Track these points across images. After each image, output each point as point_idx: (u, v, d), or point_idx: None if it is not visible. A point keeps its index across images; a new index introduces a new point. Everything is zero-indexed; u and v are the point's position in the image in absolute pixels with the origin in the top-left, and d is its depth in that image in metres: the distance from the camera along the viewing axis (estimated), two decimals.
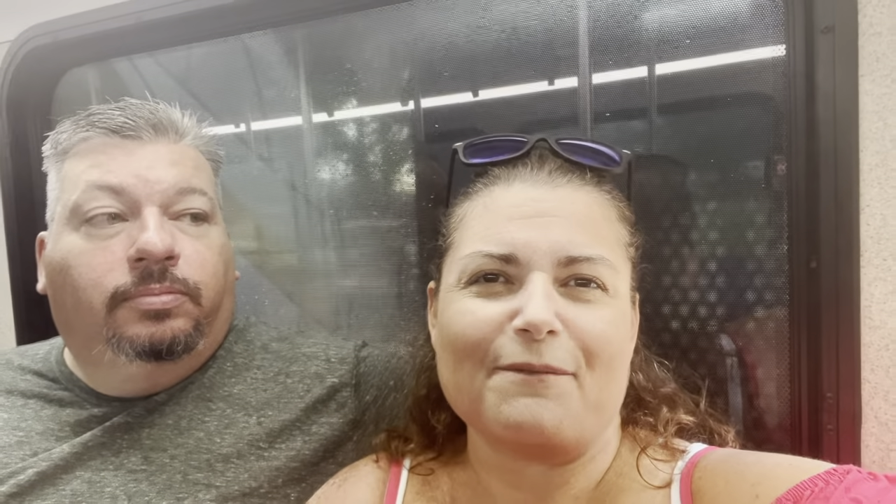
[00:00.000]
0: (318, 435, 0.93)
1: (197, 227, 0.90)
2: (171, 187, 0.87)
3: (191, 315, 0.88)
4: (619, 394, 0.70)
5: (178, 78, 1.41)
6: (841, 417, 0.89)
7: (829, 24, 0.86)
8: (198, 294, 0.88)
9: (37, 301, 1.37)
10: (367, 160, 1.35)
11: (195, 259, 0.88)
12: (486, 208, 0.71)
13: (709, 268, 1.05)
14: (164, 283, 0.85)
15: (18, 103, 1.42)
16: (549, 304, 0.63)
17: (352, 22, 1.26)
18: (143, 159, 0.87)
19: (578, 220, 0.68)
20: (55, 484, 0.86)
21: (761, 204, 1.00)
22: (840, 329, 0.89)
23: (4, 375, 0.98)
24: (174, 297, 0.85)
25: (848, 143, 0.87)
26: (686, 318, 1.06)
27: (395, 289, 1.32)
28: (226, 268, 0.94)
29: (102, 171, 0.86)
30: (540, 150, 0.74)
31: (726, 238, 1.03)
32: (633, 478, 0.70)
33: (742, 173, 1.02)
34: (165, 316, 0.85)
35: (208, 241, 0.91)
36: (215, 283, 0.91)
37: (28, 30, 1.36)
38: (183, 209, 0.89)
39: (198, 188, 0.90)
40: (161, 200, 0.86)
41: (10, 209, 1.44)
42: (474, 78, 1.21)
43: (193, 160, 0.93)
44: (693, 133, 1.07)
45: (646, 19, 1.06)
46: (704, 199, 1.04)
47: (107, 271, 0.84)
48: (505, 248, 0.66)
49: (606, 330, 0.65)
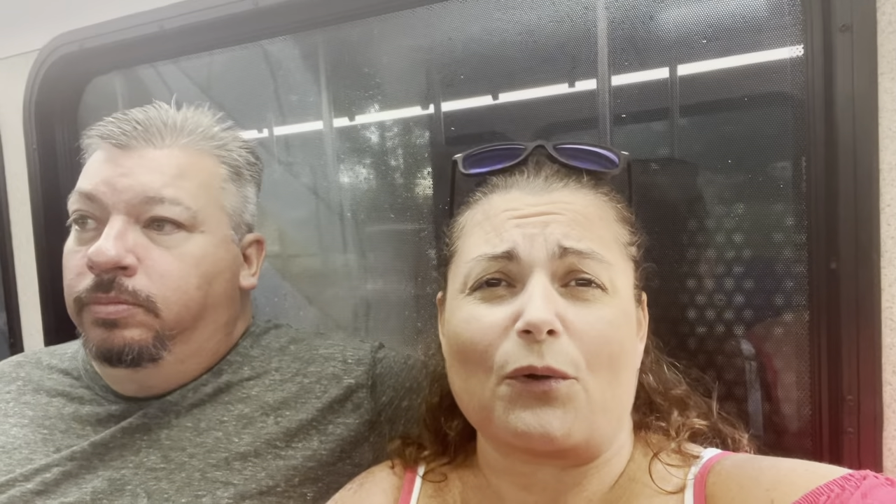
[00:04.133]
0: (334, 435, 0.94)
1: (167, 237, 0.88)
2: (136, 196, 0.86)
3: (147, 326, 0.87)
4: (627, 394, 0.70)
5: (201, 84, 1.44)
6: (862, 420, 0.88)
7: (847, 23, 0.85)
8: (152, 306, 0.86)
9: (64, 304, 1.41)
10: (388, 164, 1.36)
11: (157, 271, 0.87)
12: (486, 215, 0.73)
13: (727, 270, 1.04)
14: (111, 293, 0.85)
15: (46, 109, 1.46)
16: (549, 304, 0.64)
17: (372, 26, 1.27)
18: (120, 167, 0.88)
19: (574, 218, 0.69)
20: (78, 482, 0.88)
21: (780, 205, 0.99)
22: (861, 330, 0.87)
23: (33, 374, 1.01)
24: (122, 307, 0.85)
25: (868, 143, 0.86)
26: (704, 321, 1.05)
27: (417, 292, 1.33)
28: (205, 279, 0.91)
29: (84, 177, 0.89)
30: (537, 157, 0.76)
31: (745, 239, 1.02)
32: (646, 483, 0.70)
33: (760, 174, 1.01)
34: (113, 325, 0.86)
35: (179, 252, 0.89)
36: (180, 296, 0.88)
37: (55, 38, 1.39)
38: (150, 217, 0.87)
39: (169, 198, 0.87)
40: (126, 209, 0.86)
41: (38, 213, 1.48)
42: (493, 81, 1.22)
43: (181, 166, 0.90)
44: (710, 134, 1.06)
45: (662, 21, 1.05)
46: (722, 200, 1.04)
47: (77, 275, 0.87)
48: (505, 245, 0.68)
49: (606, 330, 0.65)
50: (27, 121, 1.46)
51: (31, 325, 1.53)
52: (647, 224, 0.78)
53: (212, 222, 0.93)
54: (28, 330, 1.54)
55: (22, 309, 1.55)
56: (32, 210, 1.48)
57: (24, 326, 1.55)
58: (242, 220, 0.99)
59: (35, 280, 1.50)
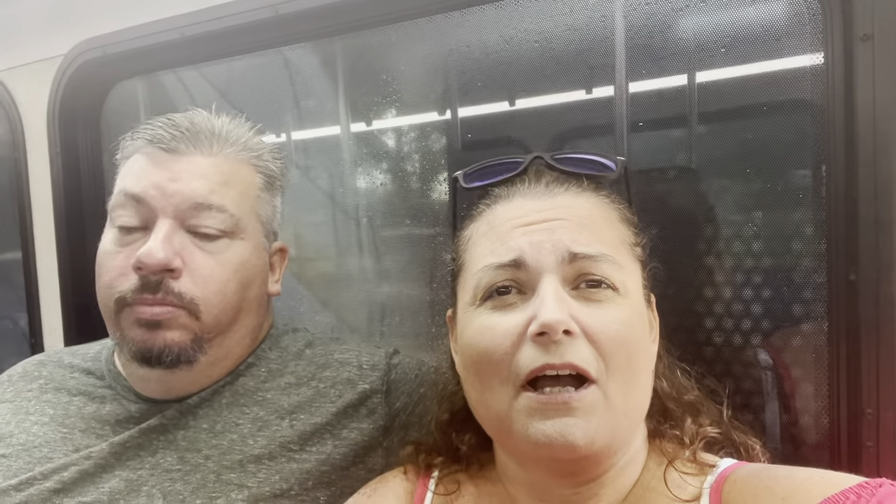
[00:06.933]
0: (348, 439, 0.94)
1: (211, 243, 0.90)
2: (185, 201, 0.88)
3: (188, 329, 0.89)
4: (645, 395, 0.70)
5: (221, 90, 1.46)
6: (881, 434, 0.87)
7: (868, 32, 0.85)
8: (195, 309, 0.88)
9: (85, 303, 1.43)
10: (405, 169, 1.37)
11: (200, 275, 0.89)
12: (490, 226, 0.73)
13: (745, 280, 1.03)
14: (157, 294, 0.86)
15: (70, 114, 1.48)
16: (562, 305, 0.64)
17: (390, 33, 1.28)
18: (170, 171, 0.89)
19: (579, 221, 0.69)
20: (95, 482, 0.89)
21: (799, 215, 0.98)
22: (880, 343, 0.86)
23: (55, 373, 1.02)
24: (167, 309, 0.87)
25: (888, 152, 0.85)
26: (722, 332, 1.04)
27: (432, 297, 1.33)
28: (242, 285, 0.93)
29: (131, 179, 0.90)
30: (536, 167, 0.77)
31: (763, 249, 1.02)
32: (662, 491, 0.69)
33: (779, 183, 1.00)
34: (157, 326, 0.87)
35: (222, 258, 0.91)
36: (221, 300, 0.90)
37: (79, 44, 1.42)
38: (196, 224, 0.89)
39: (216, 204, 0.90)
40: (175, 213, 0.88)
41: (60, 215, 1.50)
42: (511, 87, 1.22)
43: (225, 174, 0.93)
44: (729, 142, 1.06)
45: (682, 28, 1.05)
46: (740, 209, 1.03)
47: (118, 275, 0.88)
48: (512, 253, 0.68)
49: (622, 330, 0.65)
50: (51, 125, 1.48)
51: (52, 325, 1.55)
52: (663, 232, 0.78)
53: (249, 230, 0.95)
54: (48, 330, 1.56)
55: (43, 309, 1.57)
56: (55, 212, 1.51)
57: (45, 326, 1.57)
58: (272, 228, 1.01)
59: (56, 281, 1.52)
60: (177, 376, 0.92)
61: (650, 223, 0.78)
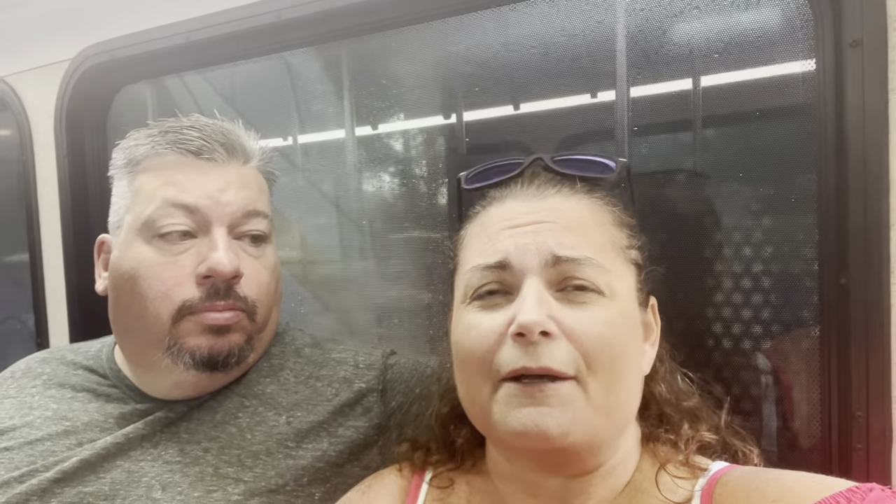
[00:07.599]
0: (343, 437, 0.96)
1: (256, 248, 0.96)
2: (238, 209, 0.92)
3: (246, 330, 0.94)
4: (631, 397, 0.71)
5: (225, 95, 1.48)
6: (871, 437, 0.87)
7: (858, 38, 0.85)
8: (254, 311, 0.93)
9: (90, 304, 1.45)
10: (410, 172, 1.38)
11: (254, 278, 0.93)
12: (482, 227, 0.75)
13: (737, 284, 1.04)
14: (227, 300, 0.90)
15: (76, 117, 1.50)
16: (541, 306, 0.65)
17: (393, 38, 1.30)
18: (217, 181, 0.92)
19: (567, 224, 0.70)
20: (96, 472, 0.91)
21: (790, 220, 0.99)
22: (870, 346, 0.87)
23: (58, 370, 1.04)
24: (235, 313, 0.91)
25: (878, 157, 0.85)
26: (712, 335, 1.05)
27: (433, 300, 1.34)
28: (277, 284, 0.99)
29: (178, 189, 0.90)
30: (533, 168, 0.77)
31: (754, 254, 1.02)
32: (653, 493, 0.70)
33: (770, 188, 1.01)
34: (226, 331, 0.91)
35: (265, 261, 0.96)
36: (268, 301, 0.96)
37: (86, 49, 1.44)
38: (246, 230, 0.94)
39: (261, 211, 0.96)
40: (229, 221, 0.92)
41: (66, 216, 1.52)
42: (515, 91, 1.24)
43: (258, 183, 0.98)
44: (720, 148, 1.07)
45: (675, 35, 1.06)
46: (732, 214, 1.04)
47: (175, 285, 0.89)
48: (498, 255, 0.69)
49: (604, 331, 0.66)
50: (58, 128, 1.50)
51: (58, 325, 1.57)
52: (656, 238, 0.78)
53: (272, 232, 1.01)
54: (54, 330, 1.58)
55: (49, 310, 1.59)
56: (62, 215, 1.53)
57: (51, 326, 1.59)
58: None
59: (62, 282, 1.54)
60: (216, 377, 0.94)
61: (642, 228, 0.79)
